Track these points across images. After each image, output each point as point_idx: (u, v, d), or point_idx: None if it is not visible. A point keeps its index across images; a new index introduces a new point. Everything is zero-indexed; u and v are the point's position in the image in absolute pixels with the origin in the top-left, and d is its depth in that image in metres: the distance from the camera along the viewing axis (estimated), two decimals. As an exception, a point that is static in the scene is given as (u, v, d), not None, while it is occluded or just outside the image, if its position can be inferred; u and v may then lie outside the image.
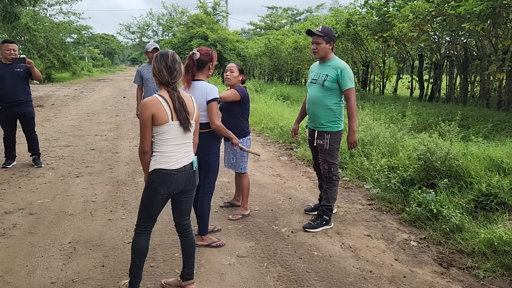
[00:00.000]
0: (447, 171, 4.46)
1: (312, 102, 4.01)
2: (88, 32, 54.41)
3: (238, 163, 4.15)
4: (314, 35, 3.86)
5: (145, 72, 5.81)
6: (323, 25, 3.92)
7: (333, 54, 3.97)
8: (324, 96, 3.89)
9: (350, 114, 3.82)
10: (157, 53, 2.63)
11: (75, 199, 4.72)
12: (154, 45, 5.76)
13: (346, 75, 3.78)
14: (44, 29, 27.47)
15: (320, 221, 3.97)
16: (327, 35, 3.84)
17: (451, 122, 6.07)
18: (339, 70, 3.80)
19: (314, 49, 3.92)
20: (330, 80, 3.83)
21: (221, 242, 3.57)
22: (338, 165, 4.05)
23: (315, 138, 4.02)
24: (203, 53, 3.30)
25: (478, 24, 8.41)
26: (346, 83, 3.78)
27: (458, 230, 3.69)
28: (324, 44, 3.84)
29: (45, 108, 13.05)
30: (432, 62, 14.53)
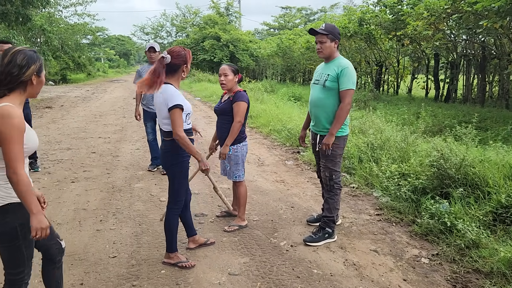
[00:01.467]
0: (462, 179, 4.10)
1: (314, 104, 3.71)
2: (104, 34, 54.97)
3: (233, 171, 3.87)
4: (318, 34, 3.57)
5: (144, 72, 5.64)
6: (326, 23, 3.64)
7: (338, 53, 3.67)
8: (326, 97, 3.58)
9: (338, 115, 3.48)
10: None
11: (66, 206, 4.50)
12: (151, 44, 5.60)
13: (347, 74, 3.47)
14: (59, 30, 27.72)
15: (323, 234, 3.66)
16: (331, 32, 3.54)
17: (468, 125, 5.69)
18: (340, 68, 3.50)
19: (318, 49, 3.63)
20: (331, 79, 3.53)
21: (189, 264, 3.19)
22: (340, 172, 3.73)
23: (317, 143, 3.71)
24: (175, 55, 2.96)
25: (496, 21, 7.98)
26: (345, 83, 3.47)
27: (474, 246, 3.33)
28: (329, 43, 3.55)
29: (54, 109, 12.98)
30: (448, 61, 14.02)
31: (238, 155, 3.82)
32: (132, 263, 3.26)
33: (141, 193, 4.95)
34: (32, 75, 2.01)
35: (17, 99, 2.00)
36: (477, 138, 5.68)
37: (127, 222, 4.08)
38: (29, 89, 2.05)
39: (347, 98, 3.48)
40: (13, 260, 2.12)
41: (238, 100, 3.71)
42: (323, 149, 3.54)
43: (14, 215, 2.00)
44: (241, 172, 3.87)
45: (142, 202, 4.62)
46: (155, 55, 5.63)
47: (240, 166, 3.86)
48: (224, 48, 28.43)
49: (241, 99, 3.71)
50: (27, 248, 2.14)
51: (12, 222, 2.02)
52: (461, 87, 13.56)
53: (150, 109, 5.78)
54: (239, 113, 3.70)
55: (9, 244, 2.07)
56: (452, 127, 8.24)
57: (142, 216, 4.23)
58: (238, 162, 3.83)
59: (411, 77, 16.06)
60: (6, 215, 2.02)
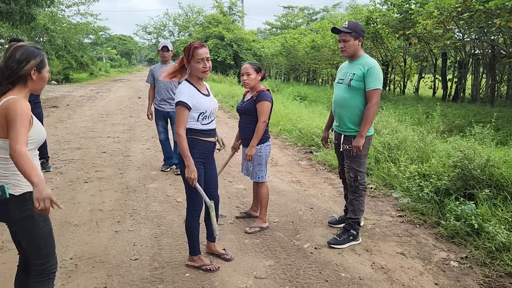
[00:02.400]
0: (487, 180, 4.02)
1: (338, 104, 3.62)
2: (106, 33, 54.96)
3: (256, 171, 3.78)
4: (341, 32, 3.47)
5: (156, 71, 5.65)
6: (349, 20, 3.53)
7: (363, 51, 3.57)
8: (351, 97, 3.49)
9: (366, 116, 3.39)
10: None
11: (82, 207, 4.42)
12: (164, 43, 5.54)
13: (373, 73, 3.38)
14: (62, 30, 27.71)
15: (347, 236, 3.57)
16: (355, 30, 3.44)
17: (486, 125, 5.60)
18: (366, 67, 3.41)
19: (342, 48, 3.53)
20: (356, 79, 3.44)
21: (213, 266, 3.11)
22: (365, 173, 3.64)
23: (341, 143, 3.63)
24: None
25: (510, 20, 7.89)
26: (372, 82, 3.38)
27: (505, 249, 3.25)
28: (353, 41, 3.45)
29: (60, 109, 12.91)
30: (456, 60, 13.94)
31: (262, 155, 3.74)
32: (155, 265, 3.18)
33: (156, 193, 4.87)
34: (32, 69, 2.03)
35: (21, 93, 2.04)
36: (495, 139, 5.62)
37: (145, 223, 4.00)
38: (30, 84, 2.08)
39: (374, 98, 3.39)
40: (37, 250, 2.14)
41: (262, 100, 3.62)
42: (354, 151, 3.45)
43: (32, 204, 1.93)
44: (264, 173, 3.79)
45: (159, 203, 4.54)
46: (168, 54, 5.58)
47: (263, 167, 3.77)
48: (228, 47, 28.34)
49: (265, 98, 3.63)
50: (49, 236, 2.16)
51: (30, 211, 2.03)
52: (469, 87, 13.48)
53: (161, 108, 5.71)
54: (264, 113, 3.62)
55: (31, 233, 2.09)
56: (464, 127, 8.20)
57: (159, 217, 4.15)
58: (261, 162, 3.75)
59: (418, 76, 15.98)
60: (24, 204, 2.04)
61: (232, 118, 11.34)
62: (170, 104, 5.58)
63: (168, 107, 5.63)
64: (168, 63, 5.63)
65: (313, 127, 7.73)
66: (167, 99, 5.62)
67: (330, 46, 18.20)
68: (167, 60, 5.65)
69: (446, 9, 9.69)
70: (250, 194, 4.78)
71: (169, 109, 5.63)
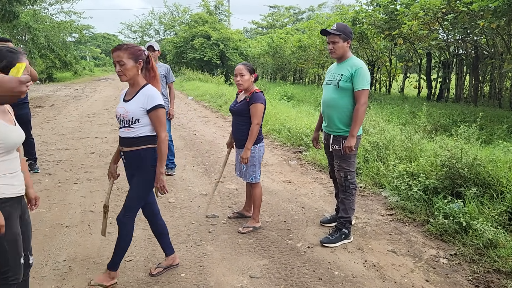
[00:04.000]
0: (474, 178, 4.12)
1: (327, 105, 3.67)
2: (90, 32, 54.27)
3: (249, 172, 3.81)
4: (330, 34, 3.53)
5: None
6: (338, 23, 3.59)
7: (351, 53, 3.65)
8: (339, 98, 3.55)
9: (355, 116, 3.46)
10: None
11: (73, 208, 4.39)
12: (150, 43, 5.37)
13: (361, 74, 3.45)
14: (45, 28, 27.26)
15: (339, 235, 3.63)
16: (344, 32, 3.51)
17: (471, 124, 5.74)
18: (354, 68, 3.47)
19: (331, 49, 3.58)
20: (344, 80, 3.50)
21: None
22: (355, 172, 3.70)
23: (330, 143, 3.68)
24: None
25: (493, 21, 8.07)
26: (360, 83, 3.45)
27: (492, 245, 3.34)
28: (342, 43, 3.52)
29: (45, 109, 12.73)
30: (441, 60, 14.17)
31: (255, 156, 3.77)
32: (150, 266, 3.18)
33: (147, 194, 4.86)
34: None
35: None
36: (481, 138, 5.76)
37: (137, 224, 3.98)
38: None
39: (362, 98, 3.45)
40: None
41: (255, 102, 3.65)
42: (346, 151, 3.50)
43: None
44: (257, 174, 3.82)
45: (151, 204, 4.53)
46: (155, 54, 5.44)
47: (257, 168, 3.80)
48: (214, 46, 28.27)
49: (258, 100, 3.66)
50: (9, 243, 2.01)
51: None
52: (453, 86, 13.72)
53: None
54: (257, 115, 3.65)
55: None
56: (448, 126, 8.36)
57: (152, 218, 4.14)
58: (255, 163, 3.78)
59: (404, 76, 16.19)
60: None
61: (220, 118, 11.35)
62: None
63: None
64: (156, 63, 5.56)
65: (302, 126, 7.79)
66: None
67: (316, 46, 18.31)
68: (154, 60, 5.57)
69: (431, 10, 9.85)
70: (242, 194, 4.82)
71: None
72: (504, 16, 8.02)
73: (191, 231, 3.85)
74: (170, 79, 5.61)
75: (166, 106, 5.52)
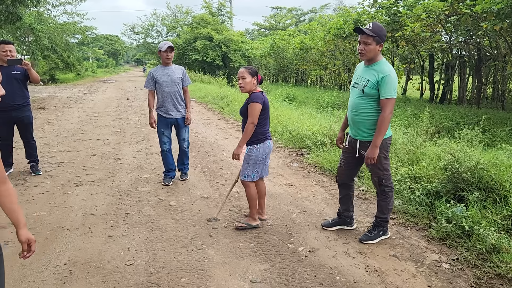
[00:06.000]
0: (477, 182, 4.09)
1: (352, 109, 3.58)
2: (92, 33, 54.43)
3: (242, 170, 3.86)
4: (364, 34, 3.36)
5: (158, 74, 5.17)
6: (374, 23, 3.40)
7: (381, 55, 3.49)
8: (364, 103, 3.47)
9: (379, 126, 3.34)
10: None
11: (74, 211, 4.38)
12: (167, 43, 5.09)
13: (388, 82, 3.31)
14: (49, 30, 27.33)
15: (378, 231, 3.71)
16: (378, 35, 3.34)
17: (475, 126, 5.71)
18: (380, 75, 3.33)
19: (361, 50, 3.41)
20: (370, 86, 3.39)
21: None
22: (390, 174, 3.65)
23: (357, 149, 3.62)
24: None
25: (496, 23, 8.04)
26: (386, 91, 3.32)
27: (495, 250, 3.31)
28: (374, 45, 3.36)
29: (47, 110, 12.76)
30: (443, 62, 14.13)
31: (252, 155, 3.79)
32: (150, 270, 3.17)
33: (149, 197, 4.85)
34: None
35: None
36: (483, 140, 5.72)
37: (138, 227, 3.98)
38: None
39: (388, 107, 3.32)
40: None
41: (252, 101, 3.67)
42: (368, 162, 3.47)
43: None
44: (250, 173, 3.83)
45: (152, 207, 4.53)
46: (172, 54, 5.12)
47: (250, 167, 3.81)
48: (217, 48, 28.28)
49: (254, 100, 3.67)
50: None
51: None
52: (456, 88, 13.67)
53: (169, 115, 5.20)
54: (252, 114, 3.67)
55: None
56: (451, 128, 8.33)
57: (153, 221, 4.13)
58: (249, 162, 3.80)
59: (406, 78, 16.14)
60: None
61: (222, 120, 11.34)
62: (179, 111, 5.22)
63: (177, 114, 5.23)
64: (171, 65, 5.24)
65: (304, 129, 7.77)
66: (175, 105, 5.20)
67: (318, 47, 18.30)
68: (169, 62, 5.22)
69: (433, 12, 9.83)
70: (243, 198, 4.80)
71: (177, 116, 5.23)
72: (508, 18, 7.98)
73: (192, 234, 3.84)
74: (186, 82, 5.31)
75: (183, 111, 5.30)
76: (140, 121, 10.78)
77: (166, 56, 5.09)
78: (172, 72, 5.19)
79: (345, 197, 3.96)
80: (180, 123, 5.29)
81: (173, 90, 5.16)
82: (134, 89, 22.62)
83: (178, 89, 5.20)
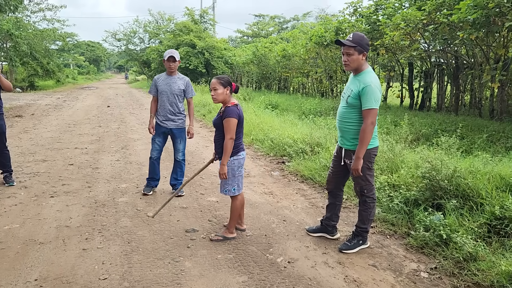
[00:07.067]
0: (454, 190, 4.13)
1: (338, 118, 3.64)
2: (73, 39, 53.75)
3: (222, 185, 3.81)
4: (345, 45, 3.38)
5: (160, 83, 5.12)
6: (354, 33, 3.42)
7: (367, 65, 3.48)
8: (348, 112, 3.50)
9: (361, 137, 3.35)
10: None
11: (48, 223, 4.25)
12: (170, 52, 5.00)
13: (368, 92, 3.30)
14: (28, 36, 26.83)
15: (357, 241, 3.70)
16: (360, 44, 3.34)
17: (453, 134, 5.78)
18: (362, 85, 3.33)
19: (345, 61, 3.43)
20: (353, 96, 3.40)
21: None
22: (372, 185, 3.63)
23: (342, 156, 3.65)
24: None
25: (472, 33, 8.21)
26: (366, 102, 3.31)
27: (472, 259, 3.33)
28: (357, 55, 3.35)
29: (24, 118, 12.48)
30: (422, 70, 14.36)
31: (228, 169, 3.73)
32: (125, 285, 3.08)
33: (126, 208, 4.75)
34: None
35: None
36: (461, 149, 5.80)
37: (114, 240, 3.88)
38: None
39: (369, 118, 3.31)
40: None
41: (228, 117, 3.61)
42: (353, 174, 3.48)
43: None
44: (230, 187, 3.77)
45: (129, 218, 4.43)
46: (175, 64, 5.03)
47: (230, 181, 3.76)
48: (199, 55, 28.20)
49: (230, 115, 3.61)
50: None
51: None
52: (435, 96, 13.90)
53: (163, 124, 5.14)
54: (229, 130, 3.61)
55: None
56: (430, 136, 8.43)
57: (130, 233, 4.04)
58: (228, 176, 3.74)
59: (386, 85, 16.35)
60: None
61: (203, 128, 11.27)
62: (174, 122, 5.12)
63: (172, 124, 5.13)
64: (175, 74, 5.13)
65: (285, 136, 7.77)
66: (170, 115, 5.11)
67: (300, 55, 18.41)
68: (174, 71, 5.10)
69: (412, 21, 10.00)
70: (223, 207, 4.75)
71: (172, 126, 5.14)
72: (483, 28, 8.17)
73: (170, 246, 3.76)
74: (189, 93, 5.20)
75: (184, 123, 5.23)
76: (120, 129, 10.63)
77: (169, 65, 5.04)
78: (173, 82, 5.11)
79: (331, 205, 3.97)
80: (176, 134, 5.19)
81: (170, 100, 5.09)
82: (115, 96, 22.36)
83: (176, 100, 5.11)
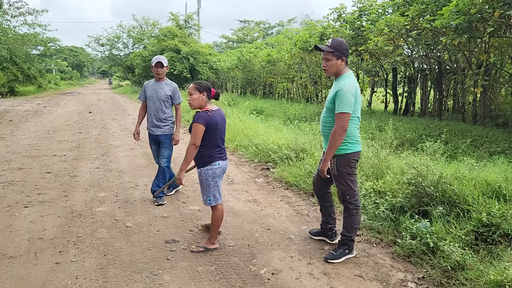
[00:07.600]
0: (441, 197, 4.06)
1: (321, 122, 3.64)
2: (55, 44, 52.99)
3: (202, 195, 3.66)
4: (323, 51, 3.38)
5: (148, 88, 5.11)
6: (333, 38, 3.41)
7: (347, 69, 3.46)
8: (327, 117, 3.51)
9: (330, 140, 3.34)
10: None
11: (19, 236, 4.05)
12: (158, 58, 4.95)
13: (340, 96, 3.27)
14: (7, 40, 26.25)
15: (343, 250, 3.60)
16: (338, 49, 3.35)
17: (437, 138, 5.74)
18: (335, 90, 3.33)
19: (324, 67, 3.46)
20: (329, 100, 3.42)
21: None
22: (355, 191, 3.55)
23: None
24: None
25: (455, 38, 8.25)
26: (338, 105, 3.29)
27: (459, 267, 3.25)
28: (335, 60, 3.37)
29: (1, 124, 12.12)
30: (406, 75, 14.45)
31: (202, 179, 3.61)
32: (99, 302, 2.91)
33: (104, 218, 4.56)
34: None
35: None
36: (446, 153, 5.76)
37: (90, 252, 3.70)
38: None
39: (339, 122, 3.29)
40: None
41: (195, 121, 3.49)
42: (321, 175, 3.48)
43: None
44: (208, 197, 3.63)
45: (106, 229, 4.24)
46: (163, 70, 5.00)
47: (205, 191, 3.63)
48: (184, 60, 28.00)
49: (197, 120, 3.48)
50: None
51: None
52: (419, 101, 13.98)
53: (151, 131, 5.14)
54: (193, 135, 3.48)
55: None
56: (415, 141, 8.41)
57: (106, 245, 3.86)
58: (202, 186, 3.63)
59: (371, 91, 16.42)
60: None
61: (187, 134, 11.08)
62: (160, 128, 5.07)
63: (158, 131, 5.09)
64: (163, 80, 5.09)
65: (270, 142, 7.65)
66: (156, 121, 5.08)
67: (285, 60, 18.39)
68: (162, 77, 5.05)
69: (395, 27, 10.03)
70: (205, 216, 4.61)
71: (158, 133, 5.09)
72: (465, 33, 8.21)
73: (148, 258, 3.59)
74: (176, 99, 5.16)
75: (171, 130, 5.15)
76: (101, 135, 10.39)
77: (156, 71, 5.01)
78: (160, 88, 5.06)
79: (323, 208, 3.98)
80: (162, 140, 5.12)
81: (156, 106, 5.06)
82: (97, 102, 22.01)
83: (161, 106, 5.06)
